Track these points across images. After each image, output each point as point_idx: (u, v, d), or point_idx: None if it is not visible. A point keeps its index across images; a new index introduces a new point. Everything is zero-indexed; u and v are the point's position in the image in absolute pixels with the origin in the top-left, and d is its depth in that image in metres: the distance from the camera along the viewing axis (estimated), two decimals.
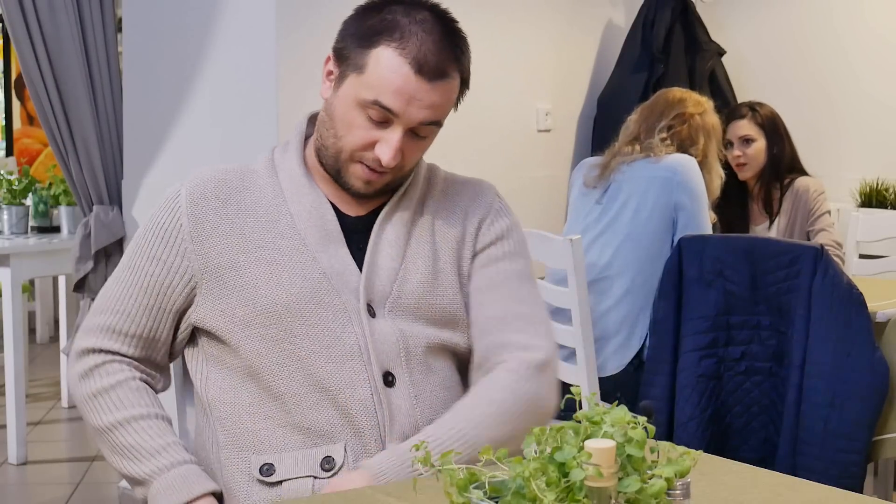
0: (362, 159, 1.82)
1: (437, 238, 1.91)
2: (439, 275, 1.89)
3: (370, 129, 1.80)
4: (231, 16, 3.92)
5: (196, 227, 1.85)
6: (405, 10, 1.81)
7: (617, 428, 1.23)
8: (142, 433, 1.82)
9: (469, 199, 1.97)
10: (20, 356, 4.79)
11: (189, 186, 1.88)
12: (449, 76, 1.81)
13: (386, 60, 1.77)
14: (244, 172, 1.91)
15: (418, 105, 1.78)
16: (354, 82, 1.80)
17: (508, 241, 1.96)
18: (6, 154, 8.40)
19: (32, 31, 4.23)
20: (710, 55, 5.04)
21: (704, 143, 3.61)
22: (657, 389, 3.25)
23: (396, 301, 1.85)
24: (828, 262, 2.98)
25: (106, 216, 4.39)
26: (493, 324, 1.89)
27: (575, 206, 3.68)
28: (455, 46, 1.83)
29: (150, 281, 1.86)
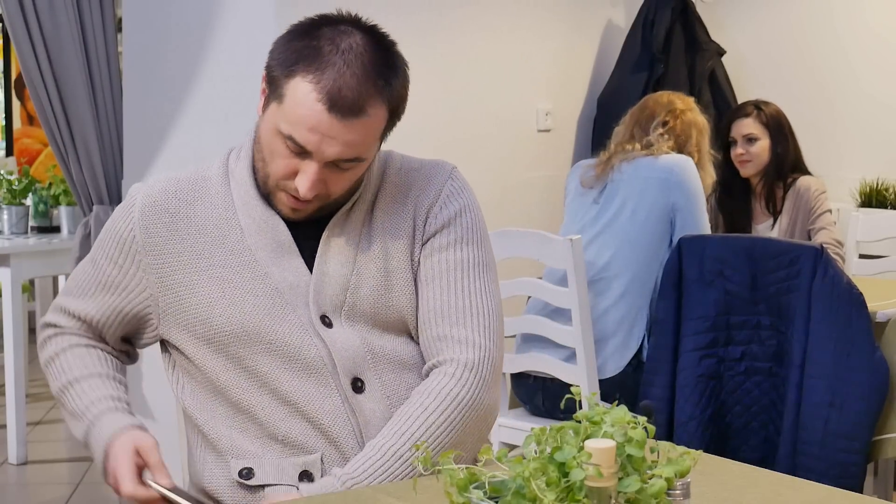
0: (286, 188, 1.76)
1: (387, 236, 1.85)
2: (392, 275, 1.83)
3: (290, 158, 1.73)
4: (231, 16, 3.92)
5: (148, 240, 1.83)
6: (331, 37, 1.72)
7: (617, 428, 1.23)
8: (80, 395, 1.86)
9: (421, 186, 1.88)
10: (20, 356, 4.79)
11: (143, 197, 1.86)
12: (366, 113, 1.70)
13: (301, 95, 1.69)
14: (197, 181, 1.87)
15: (331, 142, 1.70)
16: (275, 111, 1.73)
17: (456, 228, 1.87)
18: (6, 154, 8.40)
19: (32, 31, 4.23)
20: (710, 55, 5.04)
21: (697, 139, 3.63)
22: (657, 389, 3.25)
23: (352, 308, 1.81)
24: (828, 262, 2.98)
25: (106, 216, 4.39)
26: (431, 317, 1.82)
27: (571, 207, 3.68)
28: (380, 77, 1.72)
29: (107, 280, 1.88)
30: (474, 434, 1.77)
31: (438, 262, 1.84)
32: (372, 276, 1.82)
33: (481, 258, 1.88)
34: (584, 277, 3.27)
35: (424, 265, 1.85)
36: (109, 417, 1.81)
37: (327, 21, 1.76)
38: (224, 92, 3.97)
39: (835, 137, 5.10)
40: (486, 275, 1.87)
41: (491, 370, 1.79)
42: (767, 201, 4.12)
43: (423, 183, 1.89)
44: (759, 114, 4.09)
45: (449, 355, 1.79)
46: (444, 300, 1.82)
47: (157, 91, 4.21)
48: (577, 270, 3.24)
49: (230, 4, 3.92)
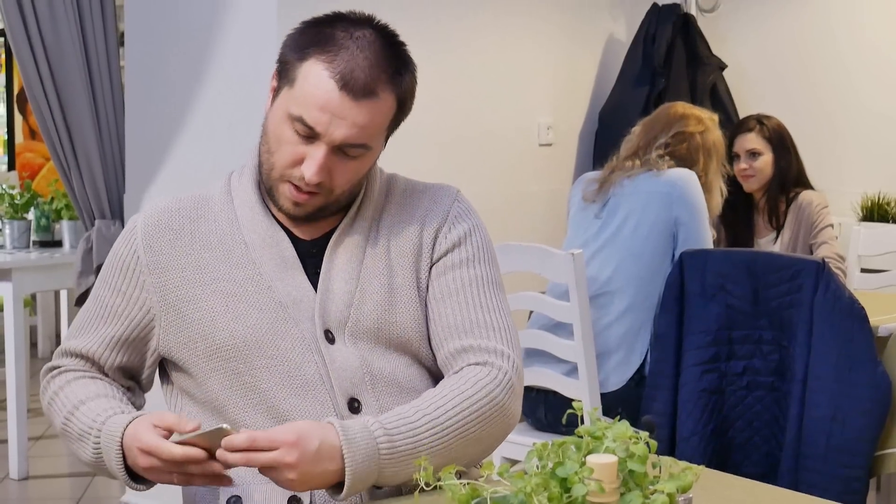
0: (290, 178, 1.77)
1: (392, 254, 1.85)
2: (397, 292, 1.83)
3: (297, 145, 1.75)
4: (233, 30, 3.93)
5: (152, 258, 1.83)
6: (345, 26, 1.76)
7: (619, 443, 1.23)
8: (86, 413, 1.78)
9: (426, 208, 1.89)
10: (21, 370, 4.79)
11: (144, 218, 1.87)
12: (377, 95, 1.73)
13: (313, 75, 1.72)
14: (199, 201, 1.88)
15: (341, 124, 1.72)
16: (286, 96, 1.76)
17: (466, 247, 1.88)
18: (8, 168, 8.42)
19: (35, 45, 4.23)
20: (711, 69, 5.05)
21: (704, 163, 3.59)
22: (659, 404, 3.24)
23: (355, 325, 1.80)
24: (829, 276, 2.98)
25: (108, 230, 4.39)
26: (452, 332, 1.82)
27: (574, 221, 3.68)
28: (391, 66, 1.75)
29: (107, 310, 1.86)
30: (494, 436, 1.76)
31: (453, 279, 1.85)
32: (376, 292, 1.82)
33: (494, 276, 1.89)
34: (585, 292, 3.26)
35: (437, 283, 1.85)
36: (116, 418, 1.74)
37: (341, 16, 1.80)
38: (226, 106, 3.97)
39: (836, 151, 5.11)
40: (500, 292, 1.89)
41: (518, 380, 1.80)
42: (770, 215, 4.12)
43: (430, 204, 1.90)
44: (761, 128, 4.10)
45: (480, 359, 1.78)
46: (465, 315, 1.83)
47: (159, 105, 4.21)
48: (579, 285, 3.24)
49: (232, 19, 3.92)
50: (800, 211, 4.03)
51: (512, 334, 1.84)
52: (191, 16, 4.07)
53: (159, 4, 4.21)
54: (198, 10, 4.04)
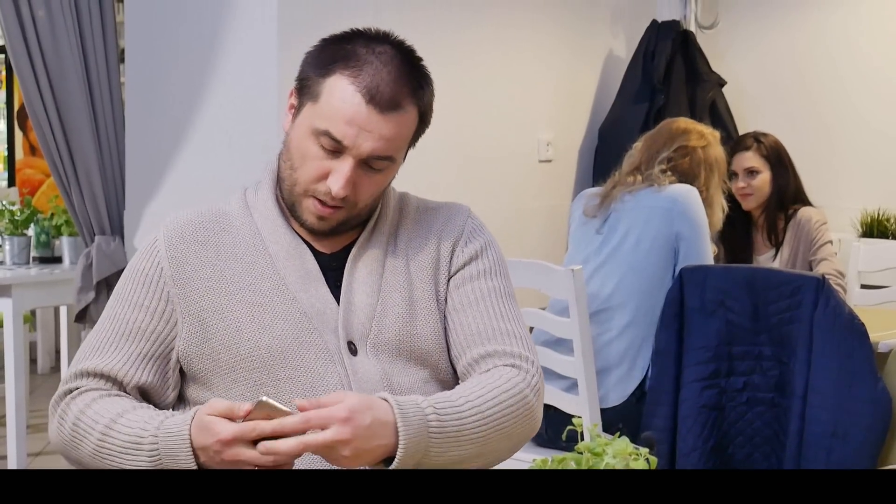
0: (315, 193, 1.79)
1: (411, 268, 1.88)
2: (416, 305, 1.86)
3: (323, 160, 1.77)
4: (233, 46, 3.94)
5: (177, 270, 1.83)
6: (366, 42, 1.78)
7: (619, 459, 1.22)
8: (130, 423, 1.71)
9: (441, 224, 1.93)
10: (21, 386, 4.78)
11: (166, 231, 1.87)
12: (402, 108, 1.77)
13: (339, 90, 1.74)
14: (218, 214, 1.90)
15: (368, 137, 1.74)
16: (309, 111, 1.78)
17: (483, 260, 1.91)
18: (8, 184, 8.42)
19: (35, 62, 4.24)
20: (710, 86, 5.06)
21: (706, 178, 3.59)
22: (659, 420, 3.24)
23: (377, 337, 1.82)
24: (829, 292, 2.98)
25: (108, 246, 4.39)
26: (474, 339, 1.84)
27: (575, 237, 3.68)
28: (413, 79, 1.79)
29: (130, 328, 1.82)
30: (521, 436, 1.78)
31: (472, 289, 1.88)
32: (396, 304, 1.84)
33: (509, 289, 1.93)
34: (585, 308, 3.26)
35: (456, 294, 1.88)
36: (173, 419, 1.69)
37: (359, 32, 1.82)
38: (226, 122, 3.98)
39: (835, 167, 5.11)
40: (515, 304, 1.92)
41: (541, 384, 1.82)
42: (769, 233, 4.12)
43: (444, 220, 1.93)
44: (759, 146, 4.09)
45: (507, 362, 1.80)
46: (485, 323, 1.85)
47: (159, 121, 4.22)
48: (579, 301, 3.23)
49: (232, 35, 3.93)
50: (799, 228, 4.03)
51: (531, 343, 1.87)
52: (191, 32, 4.08)
53: (159, 20, 4.22)
54: (198, 26, 4.05)
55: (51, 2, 4.24)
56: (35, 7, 4.22)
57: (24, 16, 4.21)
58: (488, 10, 4.55)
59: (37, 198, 7.68)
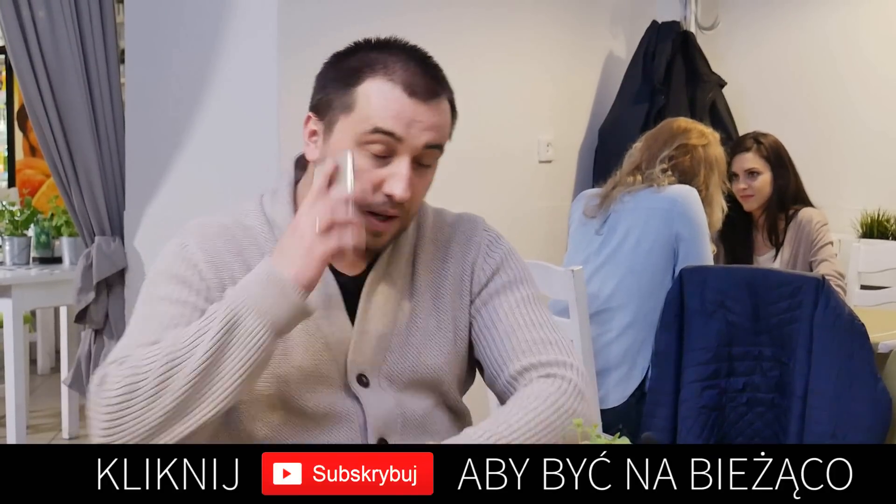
0: (370, 208, 1.68)
1: (429, 294, 1.82)
2: (432, 333, 1.80)
3: (373, 169, 1.67)
4: (233, 47, 3.94)
5: (218, 281, 1.72)
6: (379, 49, 1.74)
7: None
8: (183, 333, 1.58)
9: (458, 243, 1.86)
10: (21, 387, 4.78)
11: (198, 240, 1.75)
12: (440, 96, 1.73)
13: (376, 90, 1.68)
14: (243, 228, 1.79)
15: (419, 127, 1.69)
16: (346, 123, 1.69)
17: (505, 271, 1.86)
18: (8, 185, 8.42)
19: (35, 62, 4.24)
20: (710, 86, 5.06)
21: (706, 176, 3.60)
22: (659, 421, 3.24)
23: (391, 367, 1.77)
24: (829, 293, 2.98)
25: (108, 247, 4.39)
26: (508, 356, 1.78)
27: (575, 237, 3.68)
28: (437, 71, 1.76)
29: (170, 321, 1.65)
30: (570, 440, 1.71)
31: (499, 304, 1.83)
32: (412, 335, 1.79)
33: (536, 294, 1.87)
34: (585, 308, 3.26)
35: (484, 313, 1.83)
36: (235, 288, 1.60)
37: (367, 42, 1.77)
38: (226, 123, 3.98)
39: (835, 168, 5.11)
40: (545, 309, 1.86)
41: (582, 384, 1.74)
42: (769, 233, 4.12)
43: (461, 239, 1.87)
44: (759, 147, 4.09)
45: (545, 373, 1.74)
46: (519, 336, 1.79)
47: (160, 122, 4.22)
48: (579, 301, 3.23)
49: (233, 36, 3.93)
50: (799, 229, 4.02)
51: (567, 344, 1.81)
52: (191, 32, 4.08)
53: (160, 21, 4.22)
54: (198, 27, 4.05)
55: (51, 2, 4.24)
56: (35, 7, 4.23)
57: (24, 16, 4.21)
58: (488, 12, 4.55)
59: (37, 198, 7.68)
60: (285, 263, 1.59)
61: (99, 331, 4.50)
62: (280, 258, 1.60)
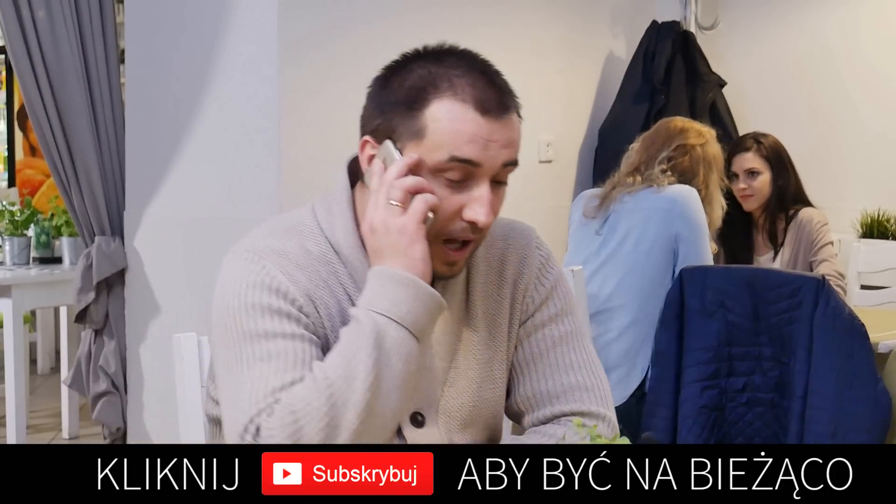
0: (448, 235, 1.59)
1: (485, 323, 1.72)
2: (491, 365, 1.72)
3: (450, 197, 1.57)
4: (233, 47, 3.94)
5: (310, 314, 1.60)
6: (437, 60, 1.60)
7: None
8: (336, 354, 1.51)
9: (512, 264, 1.76)
10: (21, 387, 4.78)
11: (284, 273, 1.59)
12: (510, 109, 1.60)
13: (446, 113, 1.55)
14: (304, 251, 1.63)
15: (496, 147, 1.57)
16: (416, 151, 1.56)
17: (554, 301, 1.76)
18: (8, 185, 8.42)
19: (35, 62, 4.24)
20: (710, 86, 5.06)
21: (705, 175, 3.60)
22: (659, 421, 3.24)
23: (447, 403, 1.68)
24: (829, 293, 2.98)
25: (108, 247, 4.39)
26: (542, 399, 1.72)
27: (575, 238, 3.68)
28: (502, 79, 1.62)
29: (296, 358, 1.53)
30: None
31: (542, 338, 1.75)
32: (471, 368, 1.70)
33: (580, 327, 1.79)
34: (585, 308, 3.26)
35: (527, 344, 1.75)
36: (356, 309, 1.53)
37: (420, 53, 1.64)
38: (226, 122, 3.98)
39: (835, 168, 5.11)
40: (588, 343, 1.79)
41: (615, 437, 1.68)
42: (769, 233, 4.12)
43: (514, 258, 1.77)
44: (759, 147, 4.08)
45: (582, 424, 1.68)
46: (556, 379, 1.73)
47: (160, 122, 4.22)
48: (579, 301, 3.23)
49: (233, 36, 3.93)
50: (799, 229, 4.02)
51: (604, 390, 1.75)
52: (191, 32, 4.08)
53: (160, 21, 4.22)
54: (198, 27, 4.05)
55: (51, 2, 4.24)
56: (35, 7, 4.23)
57: (24, 16, 4.21)
58: (488, 11, 4.55)
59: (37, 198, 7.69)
60: (392, 261, 1.53)
61: (99, 331, 4.50)
62: (381, 259, 1.54)
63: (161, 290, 4.29)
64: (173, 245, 4.22)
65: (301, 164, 3.81)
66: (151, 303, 4.31)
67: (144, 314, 4.35)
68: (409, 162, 1.55)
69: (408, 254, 1.53)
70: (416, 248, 1.53)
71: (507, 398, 1.77)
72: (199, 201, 4.05)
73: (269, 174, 3.79)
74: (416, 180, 1.55)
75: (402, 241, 1.53)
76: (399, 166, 1.55)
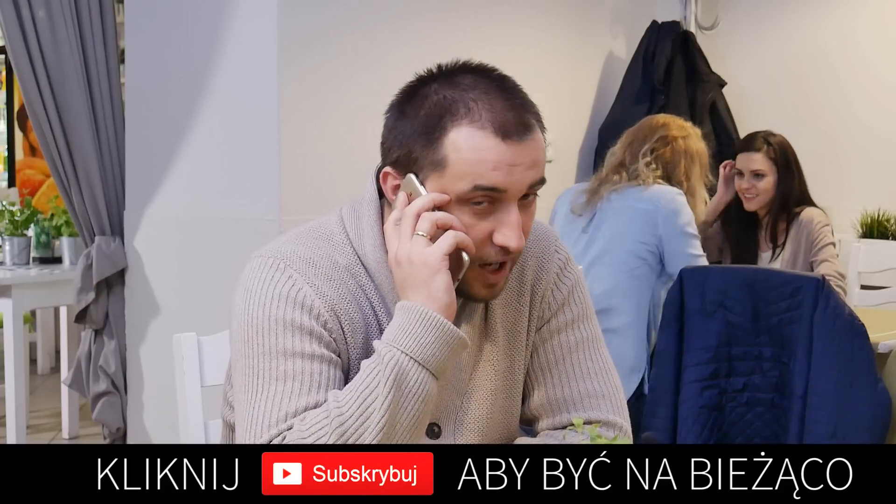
0: (483, 260, 1.57)
1: (506, 332, 1.71)
2: (508, 376, 1.71)
3: (480, 223, 1.55)
4: (233, 47, 3.94)
5: (339, 328, 1.59)
6: (451, 83, 1.57)
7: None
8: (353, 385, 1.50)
9: (533, 270, 1.74)
10: (21, 387, 4.78)
11: (311, 285, 1.58)
12: (533, 128, 1.55)
13: (465, 141, 1.52)
14: (332, 263, 1.62)
15: (520, 170, 1.53)
16: (440, 181, 1.53)
17: (571, 307, 1.76)
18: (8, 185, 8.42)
19: (35, 62, 4.24)
20: (710, 87, 5.06)
21: (686, 167, 3.63)
22: (659, 421, 3.24)
23: (464, 415, 1.67)
24: (829, 293, 2.98)
25: (108, 247, 4.39)
26: (556, 406, 1.71)
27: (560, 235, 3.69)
28: (518, 94, 1.58)
29: (312, 382, 1.54)
30: None
31: (559, 344, 1.74)
32: (490, 379, 1.70)
33: (596, 333, 1.79)
34: None
35: (542, 350, 1.74)
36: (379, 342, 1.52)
37: (434, 74, 1.61)
38: (226, 123, 3.98)
39: (835, 168, 5.12)
40: (603, 349, 1.79)
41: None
42: (772, 233, 4.12)
43: (534, 263, 1.75)
44: (768, 149, 4.04)
45: (596, 432, 1.67)
46: (571, 387, 1.72)
47: (159, 122, 4.22)
48: None
49: (233, 36, 3.93)
50: (801, 228, 4.02)
51: (619, 398, 1.74)
52: (191, 32, 4.08)
53: (160, 21, 4.22)
54: (198, 27, 4.05)
55: (51, 2, 4.24)
56: (35, 7, 4.23)
57: (24, 16, 4.21)
58: (488, 11, 4.55)
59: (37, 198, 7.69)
60: (414, 293, 1.52)
61: (99, 331, 4.50)
62: (405, 291, 1.53)
63: (161, 290, 4.29)
64: (173, 245, 4.22)
65: (301, 164, 3.82)
66: (151, 303, 4.32)
67: (144, 314, 4.35)
68: (435, 199, 1.54)
69: (430, 285, 1.52)
70: (438, 279, 1.52)
71: (522, 404, 1.76)
72: (199, 201, 4.05)
73: (270, 174, 3.79)
74: (447, 217, 1.53)
75: (425, 272, 1.52)
76: (424, 202, 1.54)
